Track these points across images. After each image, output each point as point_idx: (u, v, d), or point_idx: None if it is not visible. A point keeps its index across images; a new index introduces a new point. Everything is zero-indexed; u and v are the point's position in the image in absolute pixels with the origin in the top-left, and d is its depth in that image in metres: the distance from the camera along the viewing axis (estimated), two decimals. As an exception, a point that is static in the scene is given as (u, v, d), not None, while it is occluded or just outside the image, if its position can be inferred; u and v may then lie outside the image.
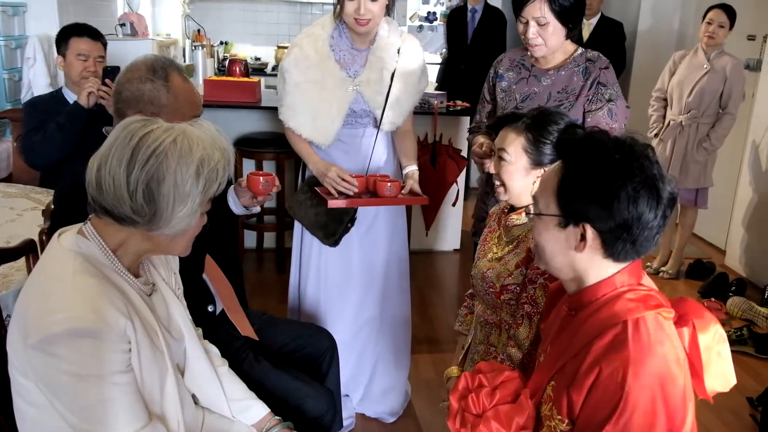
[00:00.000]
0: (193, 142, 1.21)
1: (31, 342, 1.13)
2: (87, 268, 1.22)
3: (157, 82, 1.64)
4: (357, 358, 2.68)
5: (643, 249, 1.25)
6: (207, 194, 1.24)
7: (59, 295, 1.16)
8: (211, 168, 1.23)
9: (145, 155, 1.17)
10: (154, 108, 1.64)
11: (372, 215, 2.56)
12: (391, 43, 2.42)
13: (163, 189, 1.18)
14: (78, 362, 1.13)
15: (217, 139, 1.27)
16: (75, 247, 1.23)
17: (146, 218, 1.20)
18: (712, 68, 3.99)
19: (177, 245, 1.30)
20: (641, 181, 1.19)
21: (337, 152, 2.49)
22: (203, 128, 1.26)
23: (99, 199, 1.20)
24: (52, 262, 1.24)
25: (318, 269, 2.61)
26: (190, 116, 1.67)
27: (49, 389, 1.16)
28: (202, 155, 1.21)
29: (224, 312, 1.93)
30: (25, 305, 1.21)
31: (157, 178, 1.18)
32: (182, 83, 1.69)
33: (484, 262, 1.84)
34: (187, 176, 1.19)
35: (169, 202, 1.19)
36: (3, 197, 2.67)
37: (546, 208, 1.30)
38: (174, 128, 1.22)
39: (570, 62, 2.29)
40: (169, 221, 1.21)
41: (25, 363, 1.17)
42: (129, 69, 1.68)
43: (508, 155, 1.72)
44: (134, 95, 1.64)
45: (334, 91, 2.38)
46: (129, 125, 1.22)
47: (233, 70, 4.59)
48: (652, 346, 1.18)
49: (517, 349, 1.71)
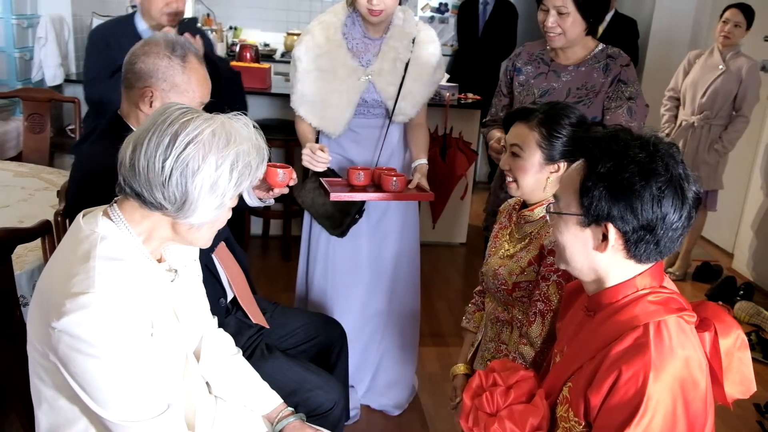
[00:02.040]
0: (231, 136, 1.20)
1: (55, 324, 1.12)
2: (112, 251, 1.21)
3: (175, 60, 1.63)
4: (363, 350, 2.67)
5: (666, 250, 1.23)
6: (238, 189, 1.24)
7: (82, 277, 1.15)
8: (245, 164, 1.22)
9: (182, 143, 1.16)
10: (166, 85, 1.63)
11: (383, 208, 2.55)
12: (406, 32, 2.39)
13: (196, 179, 1.17)
14: (101, 345, 1.13)
15: (255, 135, 1.26)
16: (100, 229, 1.23)
17: (175, 206, 1.19)
18: (728, 69, 3.96)
19: (200, 237, 1.29)
20: (666, 180, 1.17)
21: (348, 142, 2.47)
22: (241, 122, 1.25)
23: (130, 180, 1.19)
24: (76, 243, 1.23)
25: (326, 259, 2.59)
26: (198, 101, 1.67)
27: (68, 371, 1.16)
28: (239, 150, 1.20)
29: (236, 300, 1.92)
30: (48, 286, 1.21)
31: (192, 167, 1.17)
32: (198, 66, 1.68)
33: (495, 259, 1.83)
34: (221, 169, 1.19)
35: (201, 192, 1.18)
36: (14, 176, 2.66)
37: (567, 206, 1.28)
38: (214, 119, 1.21)
39: (590, 58, 2.27)
40: (196, 211, 1.20)
41: (45, 343, 1.17)
42: (147, 42, 1.66)
43: (521, 151, 1.70)
44: (149, 69, 1.62)
45: (345, 80, 2.35)
46: (169, 110, 1.22)
47: (243, 55, 4.55)
48: (674, 350, 1.17)
49: (529, 347, 1.70)
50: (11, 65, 3.75)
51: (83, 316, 1.12)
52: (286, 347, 1.98)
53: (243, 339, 1.87)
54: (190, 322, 1.38)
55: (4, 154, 3.47)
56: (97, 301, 1.13)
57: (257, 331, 1.92)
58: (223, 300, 1.89)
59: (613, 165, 1.19)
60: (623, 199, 1.18)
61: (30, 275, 1.82)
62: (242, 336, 1.87)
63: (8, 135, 3.55)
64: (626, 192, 1.18)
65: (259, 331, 1.92)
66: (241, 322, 1.90)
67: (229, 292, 1.92)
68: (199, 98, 1.68)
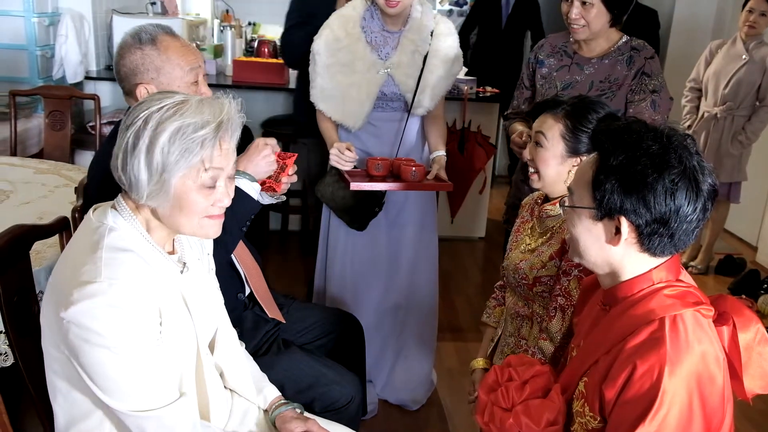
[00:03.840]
0: (181, 110, 1.19)
1: (63, 314, 1.13)
2: (119, 242, 1.22)
3: (146, 47, 1.64)
4: (381, 345, 2.67)
5: (681, 243, 1.22)
6: (189, 160, 1.19)
7: (91, 268, 1.17)
8: (191, 131, 1.18)
9: (133, 121, 1.19)
10: (152, 73, 1.64)
11: (401, 201, 2.54)
12: (424, 25, 2.39)
13: (134, 159, 1.18)
14: (109, 335, 1.14)
15: (218, 104, 1.24)
16: (108, 221, 1.24)
17: (129, 187, 1.22)
18: (751, 59, 3.89)
19: (178, 223, 1.26)
20: (679, 172, 1.15)
21: (367, 135, 2.47)
22: (210, 99, 1.25)
23: (116, 173, 1.23)
24: (86, 236, 1.25)
25: (344, 253, 2.60)
26: (189, 68, 1.67)
27: (77, 361, 1.17)
28: (182, 123, 1.18)
29: (253, 295, 1.92)
30: (59, 279, 1.23)
31: (132, 146, 1.18)
32: (172, 41, 1.67)
33: (516, 253, 1.82)
34: (156, 143, 1.17)
35: (139, 170, 1.19)
36: (35, 173, 2.70)
37: (581, 200, 1.27)
38: (175, 96, 1.22)
39: (614, 51, 2.24)
40: (140, 190, 1.21)
41: (57, 335, 1.19)
42: (119, 46, 1.67)
43: (545, 140, 1.69)
44: (130, 68, 1.64)
45: (364, 74, 2.35)
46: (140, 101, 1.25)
47: (262, 51, 4.57)
48: (690, 344, 1.15)
49: (549, 342, 1.69)
50: (33, 63, 3.78)
51: (90, 305, 1.13)
52: (302, 342, 1.99)
53: (260, 334, 1.87)
54: (203, 315, 1.38)
55: (26, 151, 3.51)
56: (104, 290, 1.14)
57: (274, 326, 1.92)
58: (241, 295, 1.90)
59: (626, 158, 1.18)
60: (636, 192, 1.17)
61: (48, 271, 1.83)
62: (259, 331, 1.88)
63: (30, 132, 3.59)
64: (639, 185, 1.16)
65: (276, 326, 1.92)
66: (258, 316, 1.91)
67: (246, 287, 1.93)
68: (188, 65, 1.67)
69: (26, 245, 1.56)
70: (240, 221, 1.72)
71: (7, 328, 1.47)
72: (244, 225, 1.75)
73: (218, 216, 1.30)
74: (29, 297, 1.55)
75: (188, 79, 1.67)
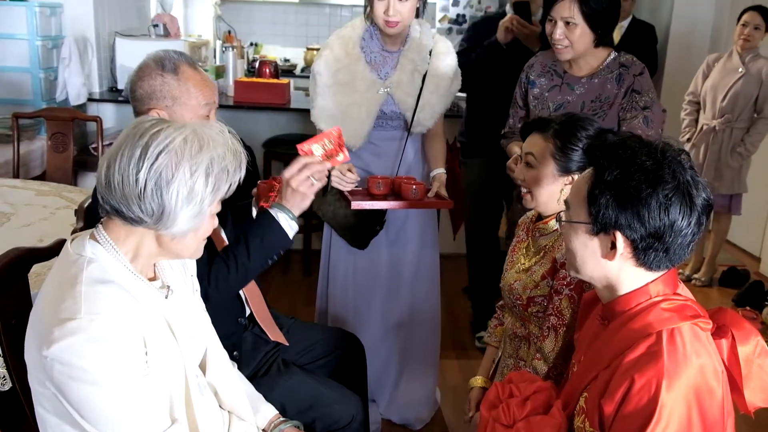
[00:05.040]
0: (204, 142, 1.19)
1: (46, 352, 1.12)
2: (99, 274, 1.20)
3: (167, 75, 1.64)
4: (383, 363, 2.66)
5: (676, 257, 1.22)
6: (216, 195, 1.22)
7: (71, 304, 1.15)
8: (221, 168, 1.21)
9: (154, 153, 1.16)
10: (168, 101, 1.64)
11: (402, 219, 2.55)
12: (423, 44, 2.41)
13: (171, 188, 1.16)
14: (94, 370, 1.12)
15: (230, 140, 1.25)
16: (87, 252, 1.22)
17: (154, 218, 1.18)
18: (748, 72, 3.91)
19: (186, 247, 1.28)
20: (673, 187, 1.17)
21: (367, 154, 2.48)
22: (215, 129, 1.24)
23: (108, 197, 1.19)
24: (64, 269, 1.22)
25: (346, 272, 2.60)
26: (204, 103, 1.68)
27: (65, 397, 1.15)
28: (213, 155, 1.19)
29: (252, 316, 1.92)
30: (38, 314, 1.21)
31: (166, 177, 1.16)
32: (193, 73, 1.68)
33: (511, 273, 1.82)
34: (196, 175, 1.18)
35: (177, 201, 1.17)
36: (36, 195, 2.71)
37: (577, 214, 1.28)
38: (185, 127, 1.21)
39: (603, 68, 2.23)
40: (175, 221, 1.19)
41: (41, 372, 1.16)
42: (139, 67, 1.67)
43: (535, 160, 1.70)
44: (147, 92, 1.64)
45: (364, 93, 2.37)
46: (139, 124, 1.21)
47: (263, 71, 4.60)
48: (688, 358, 1.15)
49: (543, 362, 1.68)
50: (36, 85, 3.81)
51: (72, 342, 1.11)
52: (303, 362, 1.98)
53: (260, 355, 1.87)
54: (189, 337, 1.37)
55: (29, 173, 3.53)
56: (85, 327, 1.12)
57: (274, 347, 1.92)
58: (241, 319, 1.90)
59: (620, 173, 1.19)
60: (630, 207, 1.18)
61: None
62: (259, 352, 1.88)
63: (33, 154, 3.61)
64: (633, 200, 1.18)
65: (276, 347, 1.92)
66: (257, 337, 1.90)
67: (246, 308, 1.93)
68: (204, 100, 1.68)
69: (25, 268, 1.56)
70: (268, 253, 1.72)
71: (5, 352, 1.46)
72: (272, 258, 1.74)
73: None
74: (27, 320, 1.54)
75: (201, 112, 1.68)
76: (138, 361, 1.18)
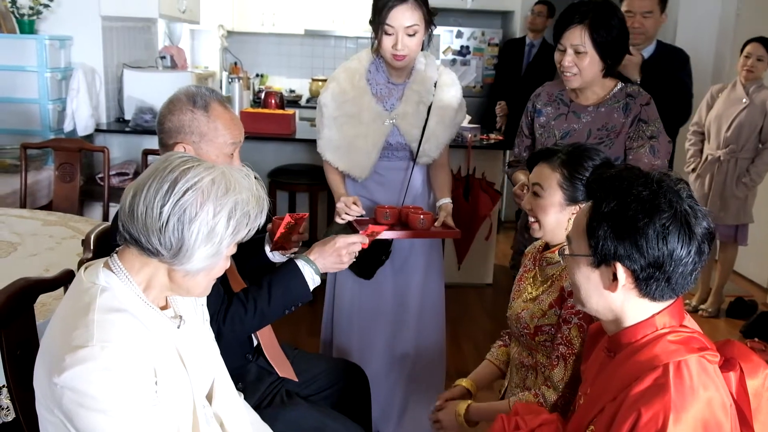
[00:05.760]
0: (230, 185, 1.21)
1: (57, 379, 1.12)
2: (112, 303, 1.21)
3: (197, 112, 1.66)
4: (388, 394, 2.64)
5: (679, 287, 1.22)
6: (235, 237, 1.24)
7: (83, 332, 1.15)
8: (244, 213, 1.22)
9: (181, 189, 1.18)
10: (195, 137, 1.66)
11: (407, 249, 2.55)
12: (428, 76, 2.43)
13: (193, 225, 1.18)
14: (104, 398, 1.12)
15: (255, 185, 1.27)
16: (100, 281, 1.23)
17: (171, 252, 1.19)
18: (752, 102, 3.93)
19: (197, 285, 1.29)
20: (670, 216, 1.17)
21: (374, 185, 2.50)
22: (242, 173, 1.27)
23: (129, 226, 1.20)
24: (77, 297, 1.23)
25: (351, 302, 2.59)
26: (231, 143, 1.70)
27: (74, 426, 1.15)
28: (237, 199, 1.21)
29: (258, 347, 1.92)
30: (50, 341, 1.21)
31: (190, 214, 1.17)
32: (223, 112, 1.70)
33: (518, 302, 1.81)
34: (219, 217, 1.19)
35: (197, 239, 1.19)
36: (43, 225, 2.72)
37: (578, 248, 1.28)
38: (215, 168, 1.23)
39: (609, 98, 2.24)
40: (192, 258, 1.20)
41: (50, 400, 1.17)
42: (170, 100, 1.70)
43: (542, 190, 1.70)
44: (176, 126, 1.66)
45: (370, 124, 2.39)
46: (171, 158, 1.23)
47: (269, 102, 4.64)
48: (695, 391, 1.14)
49: (552, 391, 1.67)
50: (45, 116, 3.86)
51: (83, 370, 1.11)
52: (307, 394, 1.97)
53: (263, 386, 1.86)
54: (199, 367, 1.37)
55: (36, 203, 3.55)
56: (97, 355, 1.12)
57: (278, 378, 1.91)
58: (249, 355, 1.90)
59: (617, 204, 1.20)
60: (628, 238, 1.18)
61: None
62: (263, 383, 1.87)
63: (40, 184, 3.64)
64: (630, 230, 1.18)
65: (279, 378, 1.91)
66: (261, 369, 1.90)
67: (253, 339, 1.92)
68: (231, 140, 1.70)
69: (31, 298, 1.56)
70: (287, 304, 1.74)
71: (9, 383, 1.46)
72: (289, 309, 1.76)
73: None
74: (32, 350, 1.53)
75: (227, 151, 1.70)
76: (148, 391, 1.19)
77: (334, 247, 1.80)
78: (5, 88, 3.82)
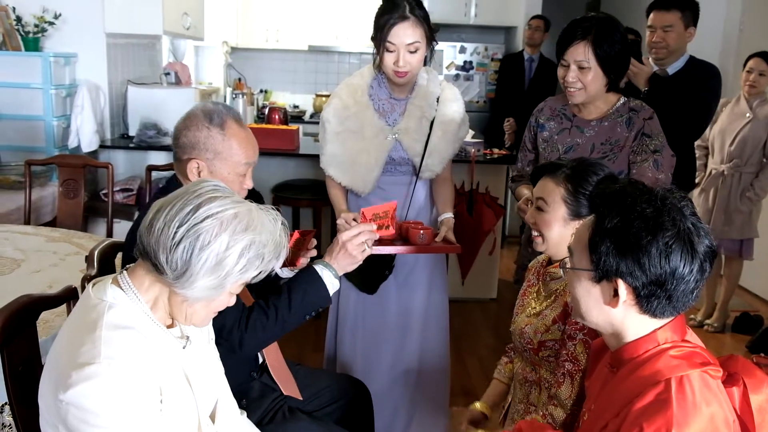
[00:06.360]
0: (252, 224, 1.21)
1: (62, 396, 1.12)
2: (119, 319, 1.21)
3: (213, 129, 1.66)
4: (392, 410, 2.63)
5: (680, 305, 1.22)
6: (243, 276, 1.23)
7: (90, 348, 1.16)
8: (257, 254, 1.22)
9: (202, 215, 1.18)
10: (209, 154, 1.67)
11: (411, 264, 2.55)
12: (430, 91, 2.44)
13: (203, 253, 1.18)
14: (109, 415, 1.12)
15: (279, 231, 1.27)
16: (108, 297, 1.23)
17: (176, 273, 1.19)
18: (755, 117, 3.93)
19: (194, 314, 1.28)
20: (673, 235, 1.17)
21: (376, 199, 2.49)
22: (272, 215, 1.27)
23: (144, 237, 1.21)
24: (85, 313, 1.24)
25: (355, 318, 2.59)
26: (245, 162, 1.70)
27: None
28: (255, 239, 1.21)
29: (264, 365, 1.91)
30: (56, 357, 1.21)
31: (203, 240, 1.17)
32: (239, 130, 1.71)
33: (522, 317, 1.81)
34: (231, 251, 1.19)
35: (204, 267, 1.18)
36: (46, 241, 2.73)
37: (579, 261, 1.28)
38: (242, 204, 1.23)
39: (612, 112, 2.25)
40: (194, 285, 1.20)
41: (55, 416, 1.17)
42: (187, 116, 1.70)
43: (546, 205, 1.70)
44: (191, 141, 1.67)
45: (373, 140, 2.40)
46: (203, 184, 1.24)
47: (272, 117, 4.67)
48: (698, 406, 1.13)
49: (560, 409, 1.65)
50: (49, 133, 3.88)
51: (89, 387, 1.11)
52: (310, 409, 1.96)
53: (266, 402, 1.85)
54: (204, 387, 1.37)
55: (40, 219, 3.56)
56: (103, 372, 1.12)
57: (281, 394, 1.90)
58: (254, 373, 1.89)
59: (620, 220, 1.19)
60: (630, 255, 1.18)
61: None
62: (265, 399, 1.86)
63: (44, 200, 3.65)
64: (633, 247, 1.18)
65: (282, 394, 1.90)
66: (265, 386, 1.89)
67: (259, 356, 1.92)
68: (245, 159, 1.70)
69: (33, 315, 1.56)
70: (307, 309, 1.73)
71: (11, 400, 1.46)
72: (309, 314, 1.75)
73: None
74: (35, 367, 1.54)
75: (239, 170, 1.71)
76: (153, 408, 1.19)
77: (339, 244, 1.79)
78: (10, 105, 3.84)
